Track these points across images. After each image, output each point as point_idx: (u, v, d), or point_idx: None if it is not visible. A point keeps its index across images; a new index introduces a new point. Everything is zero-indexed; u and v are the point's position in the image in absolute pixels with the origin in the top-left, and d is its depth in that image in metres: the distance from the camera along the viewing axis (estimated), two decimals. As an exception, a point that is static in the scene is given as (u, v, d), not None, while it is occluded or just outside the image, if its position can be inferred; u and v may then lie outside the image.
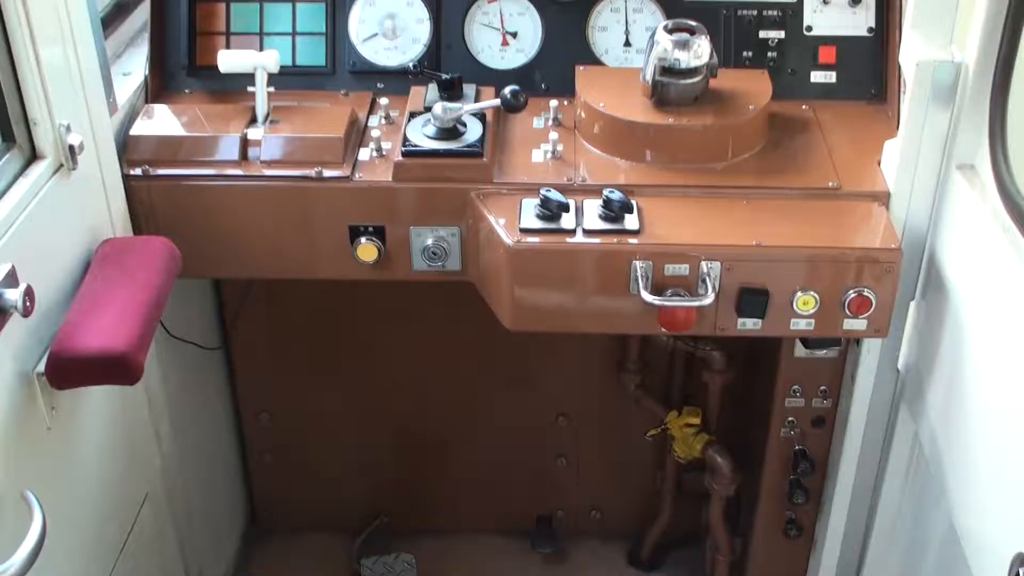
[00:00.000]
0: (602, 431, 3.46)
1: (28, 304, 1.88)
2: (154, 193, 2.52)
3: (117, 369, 1.98)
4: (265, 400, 3.44)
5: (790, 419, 2.88)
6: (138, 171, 2.50)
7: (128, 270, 2.18)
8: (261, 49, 2.77)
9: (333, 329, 3.28)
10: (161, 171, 2.51)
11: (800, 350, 2.76)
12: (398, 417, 3.47)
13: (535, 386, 3.38)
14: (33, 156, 2.15)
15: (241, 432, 3.52)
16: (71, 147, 2.19)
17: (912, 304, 2.56)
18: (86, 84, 2.31)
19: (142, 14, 2.94)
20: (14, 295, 1.87)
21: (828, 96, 2.77)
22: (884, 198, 2.44)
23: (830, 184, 2.46)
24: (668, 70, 2.47)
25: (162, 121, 2.60)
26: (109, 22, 2.83)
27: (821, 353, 2.76)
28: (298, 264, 2.58)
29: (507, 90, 2.43)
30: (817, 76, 2.78)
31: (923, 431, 2.53)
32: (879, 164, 2.51)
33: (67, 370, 1.99)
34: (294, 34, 2.79)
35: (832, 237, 2.34)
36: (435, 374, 3.37)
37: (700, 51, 2.47)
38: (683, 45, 2.45)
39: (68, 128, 2.19)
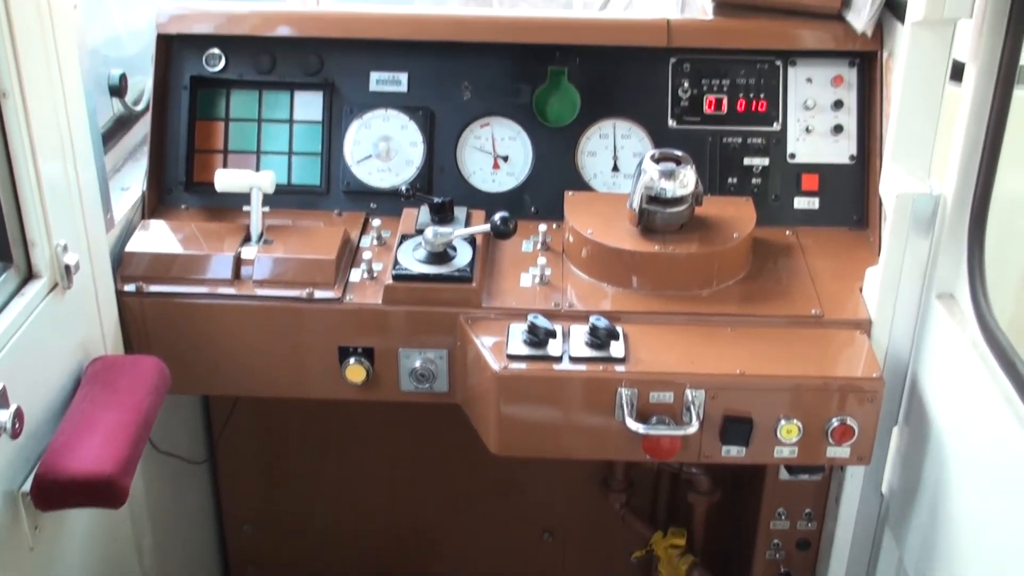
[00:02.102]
0: (587, 549, 3.45)
1: (17, 426, 1.90)
2: (147, 309, 2.55)
3: (103, 493, 1.99)
4: (249, 512, 3.43)
5: (775, 541, 2.89)
6: (131, 287, 2.53)
7: (117, 391, 2.20)
8: (258, 167, 2.83)
9: (319, 444, 3.29)
10: (154, 288, 2.54)
11: (784, 474, 2.77)
12: (382, 533, 3.46)
13: (521, 503, 3.38)
14: (29, 275, 2.18)
15: (224, 543, 3.50)
16: (67, 266, 2.22)
17: (895, 429, 2.59)
18: (84, 201, 2.35)
19: (142, 128, 3.01)
20: (3, 416, 1.89)
21: (811, 222, 2.82)
22: (866, 326, 2.48)
23: (813, 312, 2.49)
24: (654, 199, 2.52)
25: (157, 238, 2.65)
26: (109, 136, 2.89)
27: (805, 477, 2.78)
28: (287, 383, 2.60)
29: (497, 217, 2.48)
30: (800, 202, 2.84)
31: (907, 557, 2.53)
32: (861, 291, 2.56)
33: (52, 492, 2.00)
34: (290, 153, 2.85)
35: (815, 366, 2.37)
36: (420, 491, 3.37)
37: (686, 180, 2.52)
38: (669, 175, 2.51)
39: (65, 248, 2.22)
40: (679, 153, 2.55)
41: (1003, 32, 2.11)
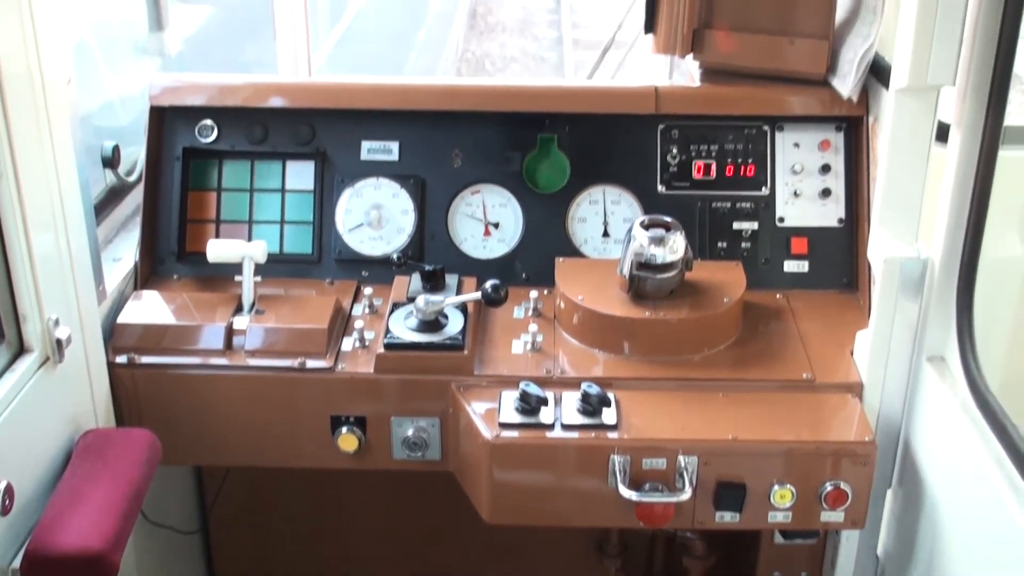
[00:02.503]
0: (583, 615, 3.42)
1: (7, 503, 1.90)
2: (138, 380, 2.55)
3: (93, 569, 1.98)
4: None
5: (772, 605, 2.88)
6: (123, 358, 2.54)
7: (108, 465, 2.19)
8: (250, 237, 2.85)
9: (312, 513, 3.28)
10: (146, 359, 2.54)
11: (779, 538, 2.76)
12: None
13: (516, 568, 3.36)
14: (20, 350, 2.18)
15: None
16: (59, 340, 2.23)
17: (889, 492, 2.58)
18: (76, 273, 2.36)
19: (135, 198, 3.03)
20: (-7, 493, 1.89)
21: (801, 285, 2.84)
22: (857, 389, 2.48)
23: (804, 376, 2.50)
24: (645, 265, 2.54)
25: (149, 309, 2.65)
26: (102, 207, 2.91)
27: (800, 541, 2.77)
28: (279, 453, 2.60)
29: (488, 284, 2.49)
30: (790, 266, 2.85)
31: None
32: (852, 354, 2.56)
33: (43, 568, 1.98)
34: (282, 222, 2.87)
35: (807, 431, 2.37)
36: (414, 559, 3.35)
37: (675, 246, 2.54)
38: (659, 241, 2.53)
39: (56, 322, 2.23)
40: (668, 219, 2.57)
41: (986, 97, 2.14)
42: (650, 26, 2.91)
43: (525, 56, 14.48)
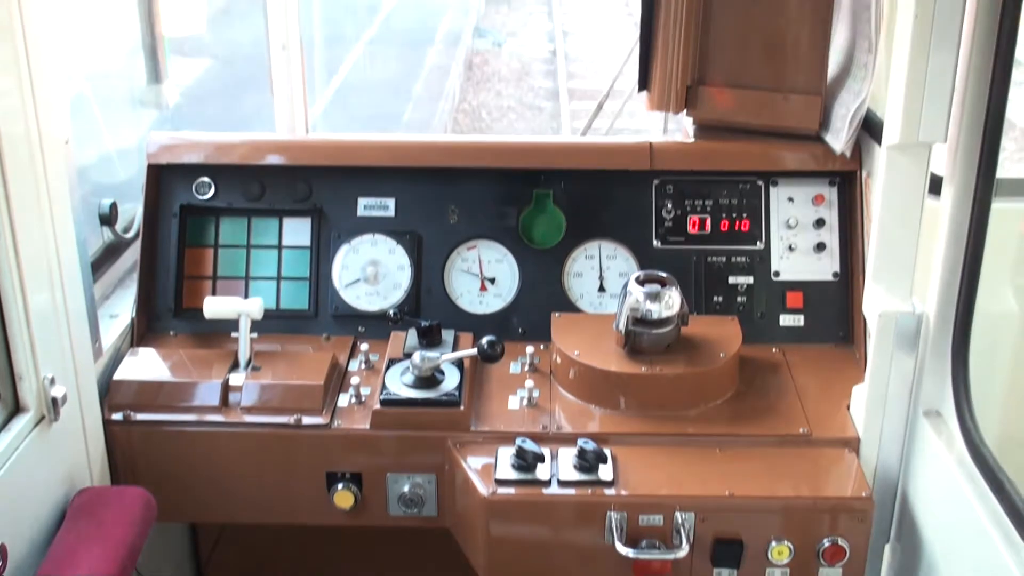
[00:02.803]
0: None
1: (1, 563, 1.88)
2: (134, 437, 2.54)
3: (87, 631, 1.97)
4: None
5: (772, 662, 2.85)
6: (119, 416, 2.54)
7: (102, 525, 2.19)
8: (247, 293, 2.85)
9: (307, 569, 3.26)
10: (142, 416, 2.54)
11: (778, 593, 2.75)
12: None
13: None
14: (16, 409, 2.18)
15: None
16: (54, 399, 2.23)
17: (887, 547, 2.57)
18: (73, 331, 2.37)
19: (132, 254, 3.04)
20: (-13, 555, 1.88)
21: (797, 339, 2.84)
22: (854, 444, 2.48)
23: (801, 430, 2.50)
24: (640, 320, 2.54)
25: (145, 366, 2.65)
26: (99, 264, 2.91)
27: (799, 596, 2.75)
28: (274, 510, 2.59)
29: (484, 340, 2.49)
30: (786, 320, 2.86)
31: None
32: (848, 408, 2.56)
33: (36, 630, 1.98)
34: (279, 278, 2.88)
35: (805, 486, 2.36)
36: None
37: (671, 302, 2.55)
38: (654, 297, 2.53)
39: (52, 381, 2.23)
40: (664, 275, 2.58)
41: (978, 153, 2.16)
42: (644, 83, 2.94)
43: (521, 106, 14.58)
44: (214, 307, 2.68)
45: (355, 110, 12.65)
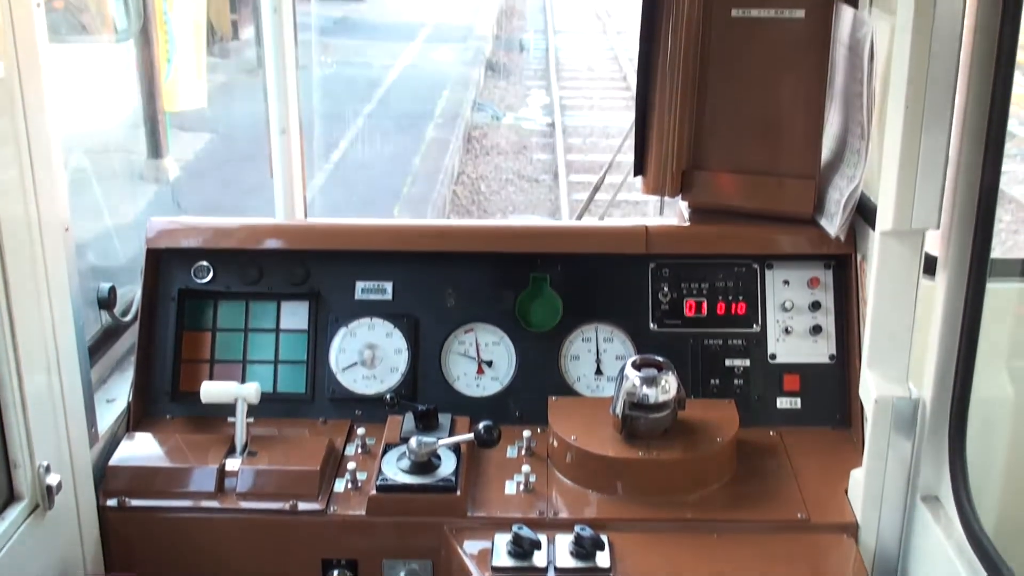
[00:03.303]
0: None
1: (-6, 656, 1.87)
2: (129, 524, 2.53)
3: None
4: None
5: None
6: (114, 502, 2.52)
7: (96, 615, 2.17)
8: (244, 377, 2.86)
9: None
10: (137, 502, 2.53)
11: None
12: None
13: None
14: (10, 498, 2.17)
15: None
16: (49, 487, 2.22)
17: None
18: (69, 418, 2.37)
19: (130, 337, 3.04)
20: (-21, 648, 1.86)
21: (794, 422, 2.84)
22: (852, 529, 2.47)
23: (799, 516, 2.49)
24: (637, 405, 2.54)
25: (141, 450, 2.65)
26: (96, 348, 2.92)
27: None
28: None
29: (481, 426, 2.49)
30: (783, 402, 2.86)
31: None
32: (846, 492, 2.55)
33: None
34: (276, 362, 2.89)
35: (803, 573, 2.35)
36: None
37: (668, 386, 2.55)
38: (651, 381, 2.54)
39: (47, 468, 2.23)
40: (660, 359, 2.59)
41: (971, 237, 2.17)
42: (640, 168, 2.97)
43: (520, 179, 14.67)
44: (211, 392, 2.68)
45: (354, 184, 12.75)
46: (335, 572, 2.50)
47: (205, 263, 2.90)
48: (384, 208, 11.99)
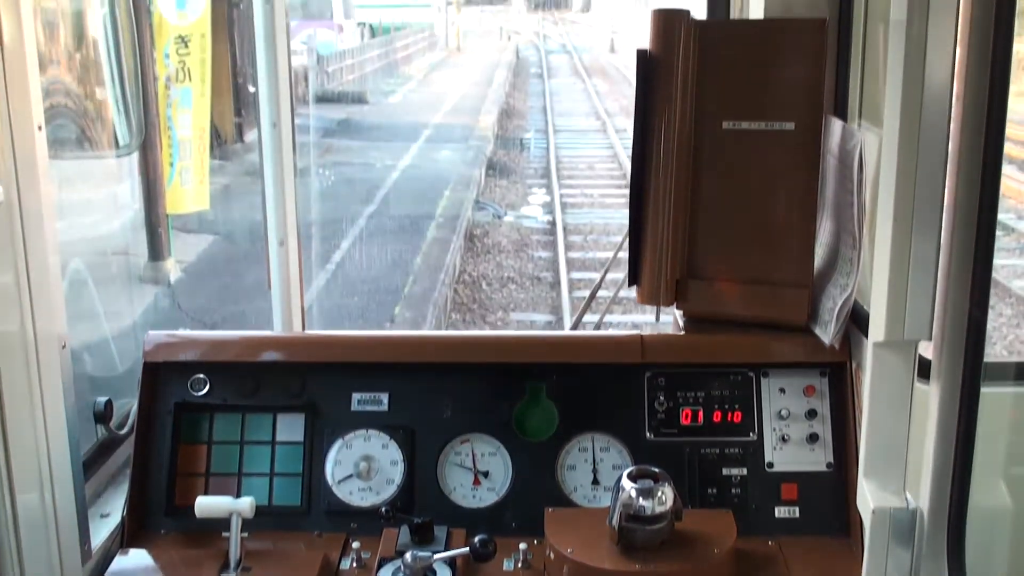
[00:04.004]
0: None
1: None
2: (122, 642, 2.50)
3: None
4: None
5: None
6: None
7: None
8: (239, 490, 2.84)
9: None
10: None
11: None
12: None
13: None
14: (0, 618, 2.16)
15: None
16: None
17: None
18: (61, 535, 2.36)
19: (125, 450, 3.04)
20: None
21: (793, 531, 2.81)
22: (855, 642, 2.44)
23: None
24: (634, 517, 2.53)
25: (134, 568, 2.63)
26: (92, 462, 2.91)
27: None
28: None
29: (476, 540, 2.48)
30: (781, 511, 2.84)
31: None
32: (847, 604, 2.53)
33: None
34: (272, 475, 2.87)
35: None
36: None
37: (664, 498, 2.54)
38: (647, 493, 2.52)
39: (39, 588, 2.21)
40: (656, 470, 2.58)
41: (963, 346, 2.18)
42: (634, 278, 2.99)
43: (521, 277, 14.76)
44: (205, 507, 2.66)
45: (355, 284, 12.83)
46: None
47: (202, 376, 2.91)
48: (385, 307, 12.04)
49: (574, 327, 3.66)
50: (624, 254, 3.06)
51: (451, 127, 24.90)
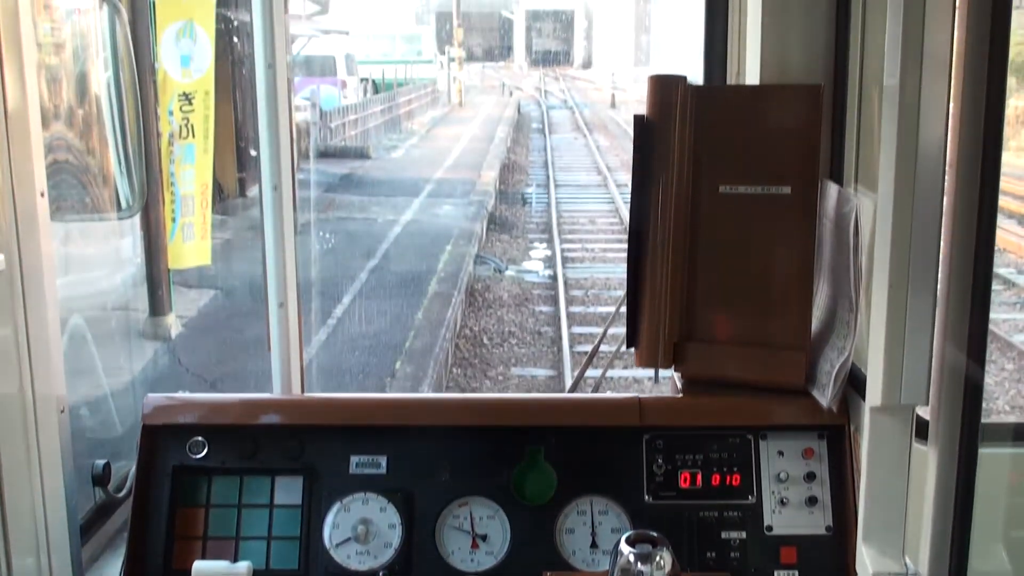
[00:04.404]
0: None
1: None
2: None
3: None
4: None
5: None
6: None
7: None
8: (236, 554, 2.83)
9: None
10: None
11: None
12: None
13: None
14: None
15: None
16: None
17: None
18: None
19: (124, 512, 3.03)
20: None
21: (793, 596, 2.81)
22: None
23: None
24: (632, 582, 2.52)
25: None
26: (89, 526, 2.91)
27: None
28: None
29: (473, 608, 2.47)
30: (780, 575, 2.83)
31: None
32: (849, 671, 2.51)
33: None
34: (269, 538, 2.86)
35: None
36: None
37: (663, 563, 2.52)
38: (646, 558, 2.51)
39: (32, 661, 2.20)
40: (655, 534, 2.57)
41: (960, 408, 2.19)
42: (632, 340, 3.00)
43: (523, 331, 14.77)
44: (203, 571, 2.66)
45: (357, 339, 12.83)
46: None
47: (200, 438, 2.91)
48: (386, 363, 12.04)
49: (572, 389, 3.67)
50: (624, 308, 3.07)
51: (453, 182, 25.02)
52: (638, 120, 2.92)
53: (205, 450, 2.91)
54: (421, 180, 25.13)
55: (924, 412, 2.34)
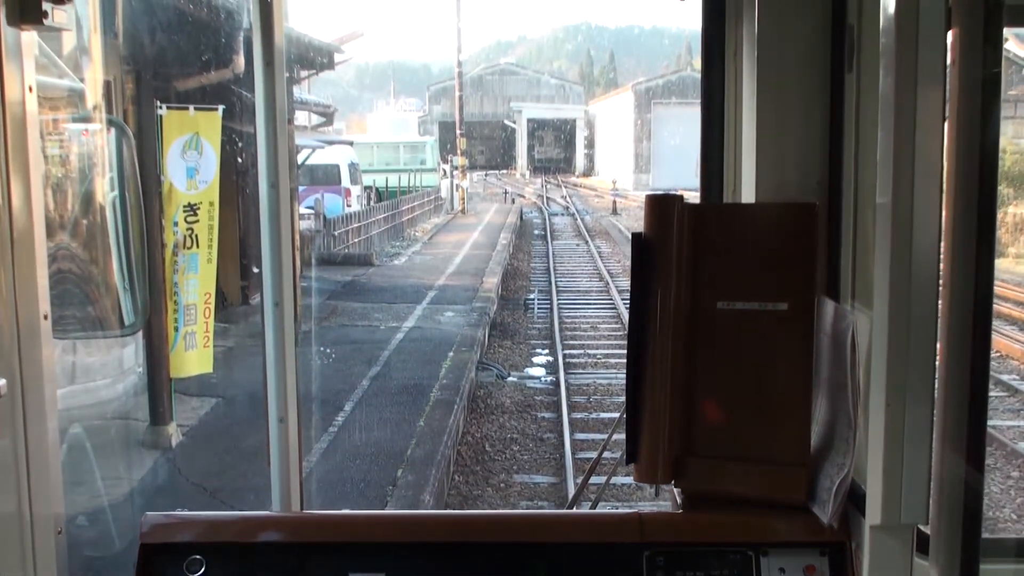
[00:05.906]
0: None
1: None
2: None
3: None
4: None
5: None
6: None
7: None
8: (232, 675, 2.80)
9: None
10: None
11: None
12: None
13: None
14: None
15: None
16: None
17: None
18: None
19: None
20: None
21: None
22: None
23: None
24: None
25: None
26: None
27: None
28: None
29: None
30: None
31: None
32: None
33: None
34: (266, 659, 2.83)
35: None
36: None
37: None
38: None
39: None
40: None
41: (960, 528, 2.18)
42: (632, 456, 2.99)
43: (524, 438, 14.72)
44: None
45: (359, 447, 12.77)
46: None
47: (198, 556, 2.89)
48: (388, 471, 11.97)
49: (574, 501, 3.65)
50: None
51: (455, 288, 25.16)
52: (636, 238, 2.96)
53: (202, 569, 2.88)
54: (424, 287, 25.27)
55: (925, 527, 2.33)
